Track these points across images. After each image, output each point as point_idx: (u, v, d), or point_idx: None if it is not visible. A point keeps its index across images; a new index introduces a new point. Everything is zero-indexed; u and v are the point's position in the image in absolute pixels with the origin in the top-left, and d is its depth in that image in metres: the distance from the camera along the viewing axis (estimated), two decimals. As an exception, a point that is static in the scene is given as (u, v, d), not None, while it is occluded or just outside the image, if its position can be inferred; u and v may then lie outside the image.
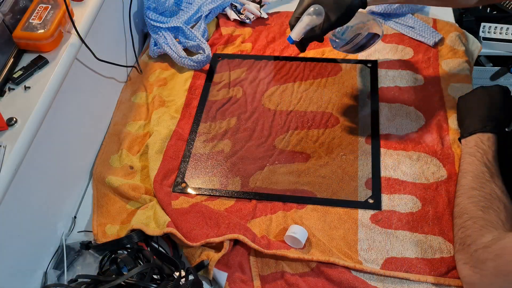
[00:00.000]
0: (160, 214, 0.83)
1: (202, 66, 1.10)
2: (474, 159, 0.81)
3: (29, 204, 0.78)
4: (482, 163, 0.80)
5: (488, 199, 0.75)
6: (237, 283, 0.77)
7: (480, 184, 0.77)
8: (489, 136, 0.83)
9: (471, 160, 0.82)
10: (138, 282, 0.70)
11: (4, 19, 0.79)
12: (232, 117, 1.01)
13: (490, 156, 0.81)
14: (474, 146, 0.83)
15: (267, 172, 0.91)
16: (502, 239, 0.66)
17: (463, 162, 0.84)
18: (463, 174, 0.82)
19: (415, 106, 0.97)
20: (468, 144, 0.85)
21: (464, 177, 0.81)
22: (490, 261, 0.66)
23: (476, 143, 0.84)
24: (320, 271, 0.77)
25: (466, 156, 0.84)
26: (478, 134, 0.84)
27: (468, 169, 0.81)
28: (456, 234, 0.76)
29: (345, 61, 1.08)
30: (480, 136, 0.84)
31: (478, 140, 0.84)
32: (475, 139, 0.84)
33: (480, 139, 0.84)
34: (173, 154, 0.95)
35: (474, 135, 0.85)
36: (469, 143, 0.85)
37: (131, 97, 1.09)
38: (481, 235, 0.70)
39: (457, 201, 0.79)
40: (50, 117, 0.80)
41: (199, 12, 1.17)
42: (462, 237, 0.74)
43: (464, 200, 0.78)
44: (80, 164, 0.95)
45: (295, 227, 0.80)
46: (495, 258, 0.65)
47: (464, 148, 0.86)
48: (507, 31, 1.19)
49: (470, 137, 0.85)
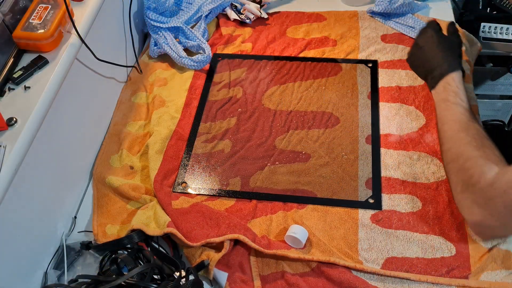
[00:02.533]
0: (161, 214, 0.83)
1: (202, 66, 1.10)
2: (448, 104, 0.81)
3: (29, 204, 0.78)
4: (458, 105, 0.80)
5: (477, 138, 0.74)
6: (238, 283, 0.77)
7: (464, 126, 0.77)
8: (453, 75, 0.83)
9: (446, 105, 0.81)
10: (139, 282, 0.70)
11: (4, 19, 0.79)
12: (232, 117, 1.01)
13: (462, 95, 0.81)
14: (444, 91, 0.83)
15: (267, 172, 0.91)
16: (506, 174, 0.67)
17: (439, 111, 0.82)
18: (443, 121, 0.81)
19: (415, 106, 0.97)
20: (438, 91, 0.84)
21: (445, 123, 0.80)
22: (497, 198, 0.66)
23: (444, 87, 0.83)
24: (320, 271, 0.77)
25: (440, 104, 0.83)
26: (443, 78, 0.83)
27: (446, 115, 0.80)
28: (456, 177, 0.75)
29: (345, 61, 1.08)
30: (445, 79, 0.83)
31: (446, 84, 0.83)
32: (443, 84, 0.83)
33: (447, 82, 0.83)
34: (173, 154, 0.95)
35: (440, 81, 0.84)
36: (438, 90, 0.84)
37: (131, 97, 1.09)
38: (484, 172, 0.69)
39: (446, 147, 0.78)
40: (50, 117, 0.80)
41: (199, 12, 1.17)
42: (464, 178, 0.72)
43: (454, 144, 0.77)
44: (80, 164, 0.95)
45: (295, 227, 0.80)
46: (502, 194, 0.66)
47: (436, 97, 0.84)
48: (507, 31, 1.19)
49: (437, 85, 0.84)
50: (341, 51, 1.10)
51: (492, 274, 0.74)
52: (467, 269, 0.75)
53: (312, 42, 1.14)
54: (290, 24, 1.19)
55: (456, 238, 0.79)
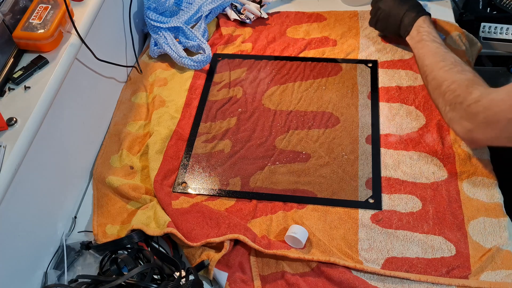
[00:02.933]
0: (161, 214, 0.83)
1: (202, 66, 1.10)
2: (424, 42, 0.90)
3: (29, 204, 0.78)
4: (433, 41, 0.90)
5: (458, 64, 0.84)
6: (238, 283, 0.77)
7: (443, 56, 0.86)
8: (423, 18, 0.94)
9: (422, 44, 0.90)
10: (139, 282, 0.70)
11: (4, 19, 0.79)
12: (232, 117, 1.01)
13: (435, 33, 0.91)
14: (418, 34, 0.93)
15: (267, 172, 0.91)
16: (490, 93, 0.75)
17: (416, 52, 0.91)
18: (422, 57, 0.89)
19: (416, 106, 0.97)
20: (412, 36, 0.94)
21: (424, 58, 0.88)
22: (481, 113, 0.75)
23: (418, 31, 0.93)
24: (320, 271, 0.77)
25: (416, 46, 0.92)
26: (415, 24, 0.94)
27: (424, 52, 0.89)
28: (443, 99, 0.82)
29: (345, 61, 1.08)
30: (416, 24, 0.94)
31: (418, 27, 0.94)
32: (416, 28, 0.94)
33: (419, 25, 0.94)
34: (174, 154, 0.95)
35: (412, 27, 0.94)
36: (412, 35, 0.94)
37: (131, 97, 1.09)
38: (469, 92, 0.77)
39: (431, 77, 0.86)
40: (50, 117, 0.80)
41: (199, 12, 1.17)
42: (451, 98, 0.80)
43: (437, 73, 0.84)
44: (80, 164, 0.95)
45: (295, 227, 0.80)
46: (484, 110, 0.75)
47: (411, 42, 0.94)
48: (507, 31, 1.19)
49: (411, 30, 0.95)
50: (341, 51, 1.10)
51: (492, 274, 0.74)
52: (467, 269, 0.75)
53: (312, 42, 1.14)
54: (290, 24, 1.19)
55: (456, 238, 0.79)
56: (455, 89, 0.80)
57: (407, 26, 0.96)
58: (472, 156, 0.88)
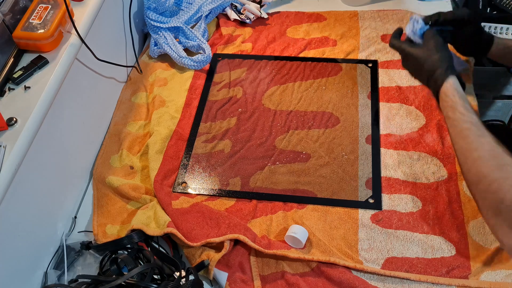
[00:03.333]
0: (161, 214, 0.83)
1: (202, 66, 1.10)
2: (450, 121, 0.76)
3: (29, 204, 0.78)
4: (460, 121, 0.75)
5: (494, 155, 0.70)
6: (238, 283, 0.77)
7: (475, 144, 0.72)
8: (446, 86, 0.78)
9: (450, 123, 0.76)
10: (139, 282, 0.70)
11: (4, 19, 0.79)
12: (232, 117, 1.01)
13: (461, 106, 0.75)
14: (444, 108, 0.78)
15: (267, 172, 0.91)
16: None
17: (447, 127, 0.78)
18: (454, 141, 0.76)
19: (416, 106, 0.97)
20: (440, 106, 0.79)
21: (455, 143, 0.75)
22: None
23: (442, 102, 0.78)
24: (320, 271, 0.77)
25: (446, 120, 0.78)
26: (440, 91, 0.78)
27: (454, 135, 0.76)
28: (484, 201, 0.70)
29: (345, 61, 1.08)
30: (441, 92, 0.78)
31: (442, 99, 0.78)
32: (441, 98, 0.78)
33: (442, 96, 0.78)
34: (174, 154, 0.95)
35: (446, 83, 0.78)
36: (440, 105, 0.79)
37: (131, 97, 1.09)
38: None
39: (465, 168, 0.73)
40: (50, 117, 0.80)
41: (199, 12, 1.17)
42: (494, 203, 0.68)
43: (472, 166, 0.71)
44: (80, 164, 0.95)
45: (295, 227, 0.80)
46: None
47: (443, 102, 0.78)
48: (507, 31, 1.19)
49: (444, 87, 0.78)
50: (341, 51, 1.10)
51: (492, 274, 0.74)
52: (467, 269, 0.75)
53: (312, 42, 1.14)
54: (290, 24, 1.19)
55: (456, 238, 0.79)
56: (497, 191, 0.67)
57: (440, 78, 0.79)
58: (472, 156, 0.88)
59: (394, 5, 1.20)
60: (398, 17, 1.16)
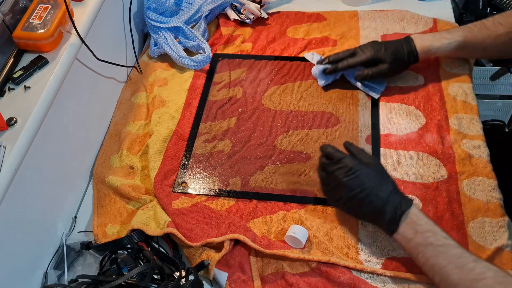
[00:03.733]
0: (161, 214, 0.83)
1: (202, 66, 1.10)
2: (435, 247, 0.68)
3: (29, 204, 0.78)
4: (448, 246, 0.67)
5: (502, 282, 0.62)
6: (238, 283, 0.77)
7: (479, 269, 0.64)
8: (413, 212, 0.71)
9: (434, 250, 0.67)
10: (139, 282, 0.70)
11: (4, 19, 0.79)
12: (232, 117, 1.01)
13: (439, 231, 0.69)
14: (412, 231, 0.70)
15: (267, 172, 0.91)
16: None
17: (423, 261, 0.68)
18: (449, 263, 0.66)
19: (415, 106, 0.97)
20: (405, 234, 0.70)
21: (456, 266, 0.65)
22: None
23: (412, 227, 0.70)
24: (320, 271, 0.77)
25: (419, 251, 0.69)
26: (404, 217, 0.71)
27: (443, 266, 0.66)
28: None
29: (345, 61, 1.08)
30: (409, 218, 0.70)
31: (411, 223, 0.70)
32: (407, 225, 0.70)
33: (411, 220, 0.70)
34: (173, 154, 0.95)
35: (402, 223, 0.71)
36: (405, 232, 0.70)
37: (131, 97, 1.09)
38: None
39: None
40: (50, 117, 0.80)
41: (199, 12, 1.17)
42: None
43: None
44: (80, 164, 0.95)
45: (295, 227, 0.80)
46: None
47: (407, 243, 0.70)
48: (507, 31, 1.19)
49: (401, 228, 0.71)
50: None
51: (492, 274, 0.74)
52: (467, 269, 0.75)
53: (312, 42, 1.14)
54: (290, 24, 1.19)
55: (456, 238, 0.79)
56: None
57: (395, 220, 0.71)
58: (472, 156, 0.88)
59: (394, 5, 1.20)
60: (398, 17, 1.16)
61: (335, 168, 0.75)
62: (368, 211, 0.74)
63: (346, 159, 0.75)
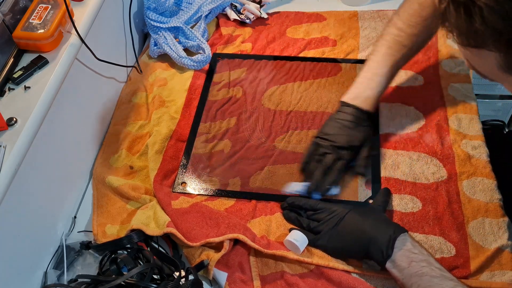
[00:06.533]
0: (160, 214, 0.83)
1: (202, 66, 1.10)
2: (436, 271, 0.68)
3: (29, 204, 0.78)
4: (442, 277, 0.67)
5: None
6: (237, 283, 0.77)
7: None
8: (404, 239, 0.72)
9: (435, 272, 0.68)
10: (138, 282, 0.70)
11: (4, 19, 0.79)
12: (232, 117, 1.01)
13: (432, 260, 0.70)
14: (411, 264, 0.69)
15: (267, 172, 0.91)
16: None
17: (428, 276, 0.68)
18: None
19: (415, 106, 0.97)
20: (401, 265, 0.70)
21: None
22: None
23: (409, 258, 0.70)
24: (320, 272, 0.77)
25: (421, 265, 0.69)
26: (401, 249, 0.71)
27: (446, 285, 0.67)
28: None
29: (345, 61, 1.08)
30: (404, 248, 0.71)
31: (408, 253, 0.70)
32: (404, 254, 0.70)
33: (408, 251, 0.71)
34: (173, 154, 0.95)
35: (397, 254, 0.71)
36: (401, 263, 0.70)
37: (131, 97, 1.09)
38: None
39: None
40: (50, 117, 0.80)
41: (199, 12, 1.17)
42: None
43: None
44: (80, 164, 0.95)
45: (296, 233, 0.79)
46: None
47: (401, 274, 0.70)
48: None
49: (397, 255, 0.71)
50: (341, 51, 1.10)
51: (492, 274, 0.74)
52: (467, 269, 0.75)
53: (312, 42, 1.14)
54: (290, 24, 1.19)
55: (456, 238, 0.79)
56: None
57: (385, 251, 0.71)
58: (471, 157, 0.88)
59: (394, 5, 1.19)
60: (398, 17, 1.16)
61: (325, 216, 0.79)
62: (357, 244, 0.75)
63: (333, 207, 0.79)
